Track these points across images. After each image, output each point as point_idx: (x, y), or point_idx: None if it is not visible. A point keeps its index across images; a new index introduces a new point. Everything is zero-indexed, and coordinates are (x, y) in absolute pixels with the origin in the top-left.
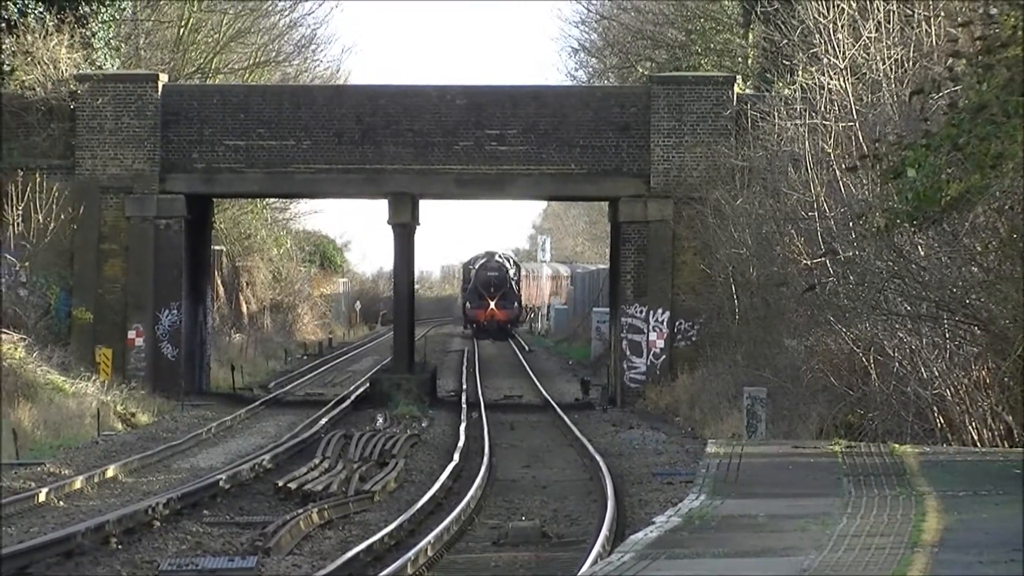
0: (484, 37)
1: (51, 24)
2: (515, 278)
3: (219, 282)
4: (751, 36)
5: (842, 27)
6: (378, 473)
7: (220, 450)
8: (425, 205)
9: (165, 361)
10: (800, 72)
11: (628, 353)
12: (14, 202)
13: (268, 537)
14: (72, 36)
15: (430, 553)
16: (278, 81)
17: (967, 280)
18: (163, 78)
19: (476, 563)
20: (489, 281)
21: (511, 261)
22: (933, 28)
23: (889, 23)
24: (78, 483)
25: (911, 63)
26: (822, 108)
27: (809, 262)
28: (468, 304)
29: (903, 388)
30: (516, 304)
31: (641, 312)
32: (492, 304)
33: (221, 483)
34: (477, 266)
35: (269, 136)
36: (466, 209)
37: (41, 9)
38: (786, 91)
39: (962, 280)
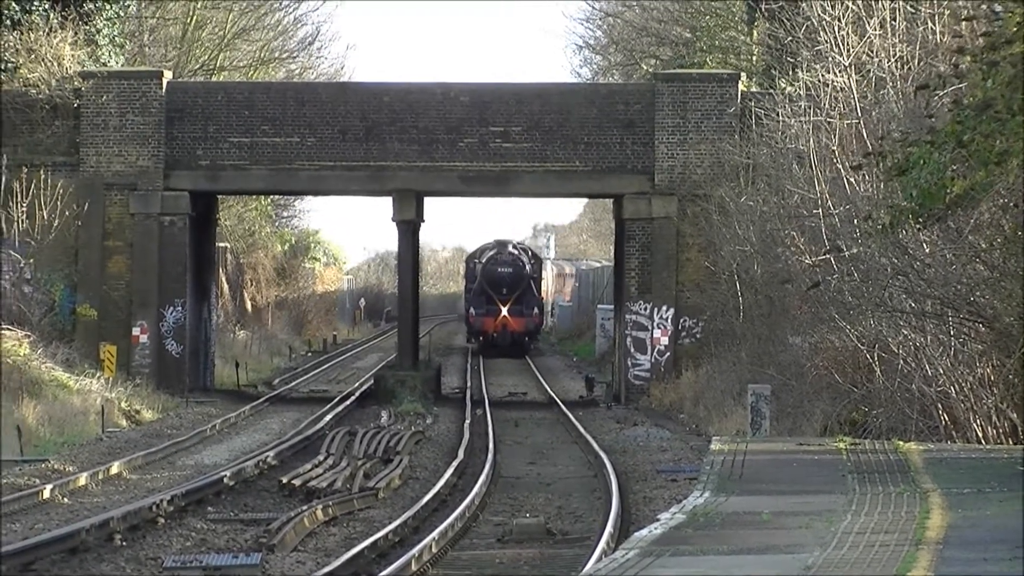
0: (489, 35)
1: (55, 21)
2: (534, 275)
3: (223, 279)
4: (756, 33)
5: (847, 24)
6: (382, 470)
7: (224, 447)
8: (429, 201)
9: (170, 358)
10: (804, 69)
11: (632, 350)
12: (19, 199)
13: (272, 534)
14: (76, 33)
15: (434, 550)
16: (282, 78)
17: (972, 277)
18: (167, 75)
19: (480, 560)
20: (500, 279)
21: (528, 253)
22: (938, 25)
23: (894, 20)
24: (82, 480)
25: (916, 60)
26: (826, 105)
27: (813, 259)
28: (473, 310)
29: (907, 385)
30: (535, 309)
31: (645, 309)
32: (504, 310)
33: (225, 480)
34: (484, 260)
35: (273, 133)
36: (469, 207)
37: (46, 7)
38: (790, 88)
39: (967, 277)
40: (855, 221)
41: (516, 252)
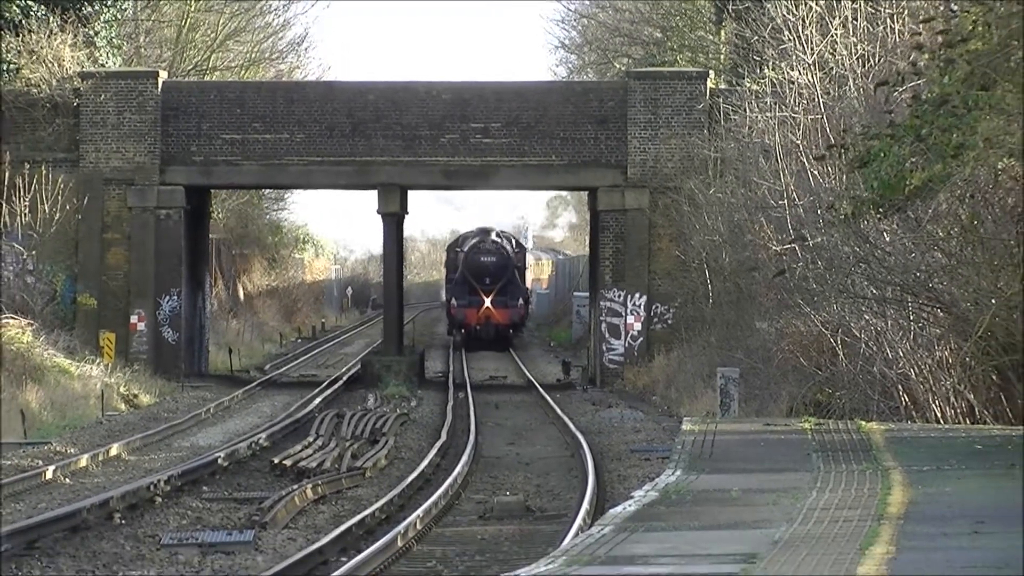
0: (470, 35)
1: (55, 24)
2: (519, 264)
3: (217, 269)
4: (723, 33)
5: (810, 24)
6: (369, 450)
7: (219, 429)
8: (412, 195)
9: (166, 345)
10: (770, 67)
11: (607, 335)
12: (21, 194)
13: (265, 512)
14: (76, 35)
15: (419, 526)
16: (272, 78)
17: (930, 265)
18: (163, 75)
19: (463, 536)
20: (484, 268)
21: (512, 241)
22: (897, 24)
23: (855, 20)
24: (83, 461)
25: (876, 58)
26: (791, 101)
27: (779, 248)
28: (454, 301)
29: (869, 368)
30: (520, 300)
31: (619, 296)
32: (487, 301)
33: (220, 461)
34: (467, 248)
35: (264, 130)
36: (451, 199)
37: (44, 11)
38: (757, 85)
39: (925, 265)
40: (819, 211)
41: (500, 240)
